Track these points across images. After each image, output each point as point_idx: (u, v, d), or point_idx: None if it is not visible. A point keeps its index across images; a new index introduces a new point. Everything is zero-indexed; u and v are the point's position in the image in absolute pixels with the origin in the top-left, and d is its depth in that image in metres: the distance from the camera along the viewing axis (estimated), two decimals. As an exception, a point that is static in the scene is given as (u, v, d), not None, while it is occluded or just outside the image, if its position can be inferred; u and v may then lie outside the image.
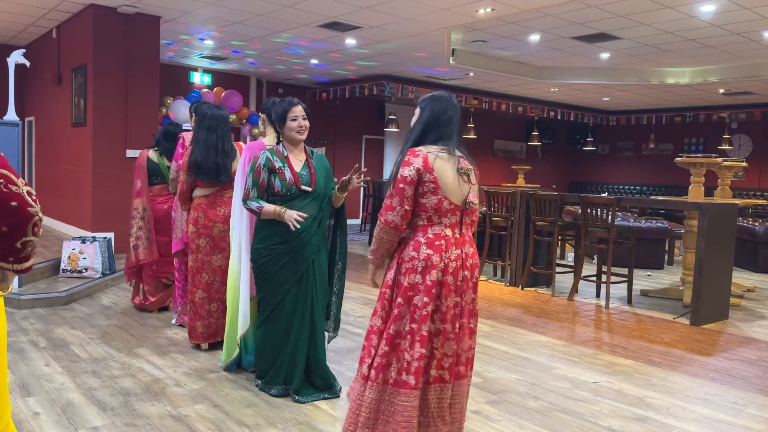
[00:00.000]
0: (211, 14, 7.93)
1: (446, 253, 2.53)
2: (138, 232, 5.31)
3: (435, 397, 2.54)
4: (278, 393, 3.51)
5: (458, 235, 2.59)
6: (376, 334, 2.59)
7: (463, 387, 2.62)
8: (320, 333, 3.55)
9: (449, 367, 2.55)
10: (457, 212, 2.57)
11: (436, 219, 2.55)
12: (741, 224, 9.02)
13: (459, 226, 2.60)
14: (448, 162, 2.55)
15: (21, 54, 6.11)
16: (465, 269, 2.58)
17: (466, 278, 2.58)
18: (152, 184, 5.33)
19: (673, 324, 5.69)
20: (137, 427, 3.09)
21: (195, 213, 4.28)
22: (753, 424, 3.43)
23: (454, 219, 2.58)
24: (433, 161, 2.52)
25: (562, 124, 17.50)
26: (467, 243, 2.62)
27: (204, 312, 4.29)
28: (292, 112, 3.46)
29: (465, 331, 2.59)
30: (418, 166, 2.50)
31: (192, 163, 4.21)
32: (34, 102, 10.38)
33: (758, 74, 10.15)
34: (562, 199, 6.82)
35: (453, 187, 2.54)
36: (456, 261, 2.55)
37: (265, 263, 3.43)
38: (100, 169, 7.91)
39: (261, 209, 3.39)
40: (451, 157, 2.57)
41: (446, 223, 2.56)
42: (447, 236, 2.55)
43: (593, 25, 7.91)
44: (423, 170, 2.50)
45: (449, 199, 2.53)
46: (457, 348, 2.57)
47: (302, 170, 3.47)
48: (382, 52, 9.90)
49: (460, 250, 2.57)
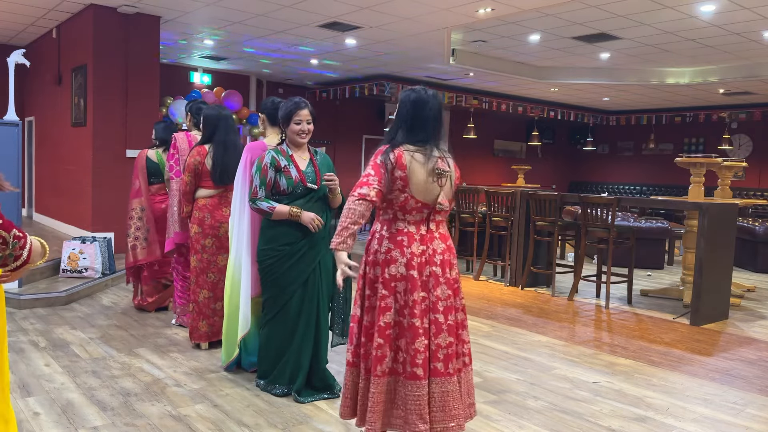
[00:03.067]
0: (211, 14, 7.93)
1: (408, 248, 2.54)
2: (136, 232, 5.30)
3: (411, 393, 2.51)
4: (281, 392, 3.51)
5: (424, 231, 2.59)
6: (356, 323, 2.66)
7: (445, 385, 2.55)
8: (324, 335, 3.55)
9: (422, 363, 2.51)
10: (424, 210, 2.58)
11: (401, 215, 2.57)
12: (741, 224, 9.02)
13: (425, 222, 2.61)
14: (422, 162, 2.54)
15: (21, 54, 6.11)
16: (432, 265, 2.57)
17: (435, 274, 2.56)
18: (151, 184, 5.33)
19: (673, 324, 5.69)
20: (137, 427, 3.09)
21: (200, 213, 4.27)
22: (753, 424, 3.43)
23: (419, 216, 2.59)
24: (407, 160, 2.53)
25: (562, 124, 17.50)
26: (436, 239, 2.60)
27: (209, 311, 4.29)
28: (297, 115, 3.44)
29: (440, 327, 2.55)
30: (392, 159, 2.52)
31: (218, 164, 4.22)
32: (34, 102, 10.38)
33: (758, 74, 10.15)
34: (562, 199, 6.82)
35: (422, 187, 2.55)
36: (421, 256, 2.55)
37: (271, 264, 3.42)
38: (100, 169, 7.91)
39: (273, 210, 3.36)
40: (428, 157, 2.55)
41: (410, 220, 2.58)
42: (410, 232, 2.57)
43: (593, 25, 7.91)
44: (395, 166, 2.51)
45: (416, 198, 2.54)
46: (431, 343, 2.54)
47: (307, 168, 3.47)
48: (382, 52, 9.90)
49: (425, 246, 2.57)
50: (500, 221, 7.41)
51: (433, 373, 2.55)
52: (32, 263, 1.83)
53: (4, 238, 1.72)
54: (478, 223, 7.67)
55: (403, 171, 2.51)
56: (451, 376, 2.57)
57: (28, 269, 1.85)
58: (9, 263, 1.75)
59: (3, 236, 1.71)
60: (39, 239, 1.83)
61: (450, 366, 2.57)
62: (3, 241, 1.71)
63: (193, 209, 4.34)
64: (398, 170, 2.51)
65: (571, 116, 15.47)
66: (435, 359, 2.55)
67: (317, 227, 3.36)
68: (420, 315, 2.53)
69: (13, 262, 1.75)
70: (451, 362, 2.58)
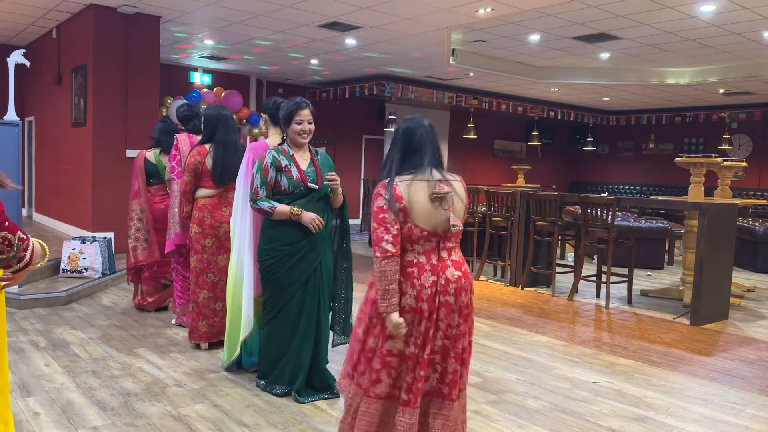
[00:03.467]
0: (211, 14, 7.93)
1: (418, 281, 2.49)
2: (136, 233, 5.32)
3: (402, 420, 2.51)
4: (282, 392, 3.51)
5: (435, 261, 2.53)
6: (358, 343, 2.61)
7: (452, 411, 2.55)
8: (324, 335, 3.55)
9: (416, 392, 2.50)
10: (432, 238, 2.51)
11: (409, 246, 2.51)
12: (741, 224, 9.02)
13: (436, 251, 2.54)
14: (420, 189, 2.50)
15: (21, 54, 6.11)
16: (445, 294, 2.51)
17: (447, 303, 2.52)
18: (150, 185, 5.34)
19: (673, 324, 5.69)
20: (137, 427, 3.09)
21: (200, 213, 4.27)
22: (753, 424, 3.43)
23: (428, 246, 2.52)
24: (402, 191, 2.48)
25: (562, 124, 17.50)
26: (449, 267, 2.54)
27: (209, 311, 4.29)
28: (298, 115, 3.45)
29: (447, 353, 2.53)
30: (387, 197, 2.47)
31: (218, 164, 4.22)
32: (34, 102, 10.38)
33: (758, 74, 10.15)
34: (562, 199, 6.82)
35: (425, 214, 2.49)
36: (432, 287, 2.49)
37: (272, 264, 3.42)
38: (100, 169, 7.91)
39: (274, 209, 3.36)
40: (426, 183, 2.50)
41: (419, 250, 2.51)
42: (420, 263, 2.51)
43: (593, 25, 7.91)
44: (392, 200, 2.47)
45: (420, 226, 2.48)
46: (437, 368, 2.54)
47: (308, 168, 3.47)
48: (382, 52, 9.90)
49: (436, 277, 2.50)
50: (500, 221, 7.41)
51: (439, 395, 2.55)
52: (33, 265, 1.83)
53: (10, 240, 1.72)
54: (478, 223, 7.67)
55: (401, 202, 2.47)
56: (453, 401, 2.57)
57: (28, 271, 1.85)
58: (12, 265, 1.76)
59: (9, 238, 1.72)
60: (39, 241, 1.84)
61: (453, 392, 2.57)
62: (8, 243, 1.72)
63: (192, 209, 4.34)
64: (396, 203, 2.47)
65: (571, 116, 15.47)
66: (441, 382, 2.55)
67: (318, 227, 3.35)
68: (422, 346, 2.50)
69: (16, 263, 1.76)
70: (454, 389, 2.57)
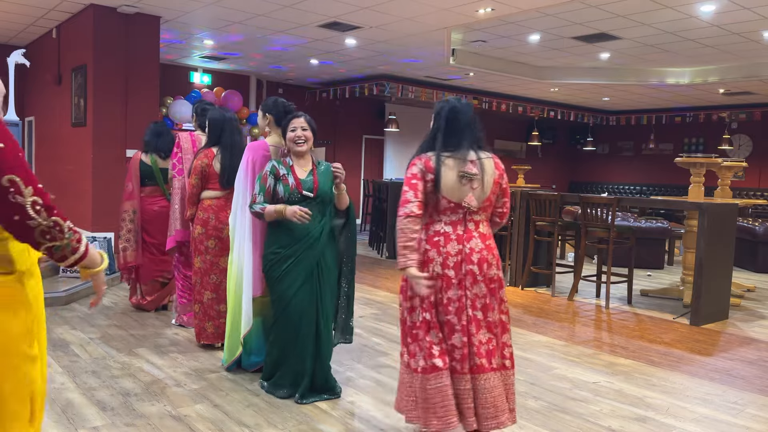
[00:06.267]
0: (211, 14, 7.93)
1: (444, 248, 2.66)
2: (127, 234, 5.33)
3: (460, 387, 2.63)
4: (285, 395, 3.52)
5: (461, 231, 2.70)
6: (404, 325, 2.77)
7: (489, 381, 2.64)
8: (326, 337, 3.55)
9: (461, 358, 2.63)
10: (458, 210, 2.70)
11: (437, 216, 2.71)
12: (741, 224, 9.02)
13: (463, 222, 2.71)
14: (451, 165, 2.68)
15: (21, 54, 6.12)
16: (469, 263, 2.66)
17: (472, 272, 2.66)
18: (144, 185, 5.36)
19: (673, 324, 5.69)
20: (137, 427, 3.09)
21: (205, 214, 4.27)
22: (753, 424, 3.43)
23: (455, 217, 2.70)
24: (435, 163, 2.67)
25: (562, 124, 17.49)
26: (474, 238, 2.70)
27: (214, 312, 4.30)
28: (291, 123, 3.54)
29: (479, 323, 2.65)
30: (420, 166, 2.68)
31: (226, 168, 4.23)
32: (34, 102, 10.38)
33: (758, 74, 10.14)
34: (562, 199, 6.81)
35: (453, 188, 2.67)
36: (457, 256, 2.66)
37: (270, 267, 3.47)
38: (100, 169, 7.90)
39: (264, 210, 3.42)
40: (458, 161, 2.69)
41: (446, 221, 2.70)
42: (446, 232, 2.69)
43: (593, 25, 7.90)
44: (425, 170, 2.67)
45: (447, 197, 2.67)
46: (468, 341, 2.64)
47: (306, 177, 3.51)
48: (383, 52, 9.90)
49: (461, 245, 2.67)
50: (500, 221, 7.40)
51: (477, 370, 2.64)
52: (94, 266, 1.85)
53: (61, 226, 1.71)
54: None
55: (431, 173, 2.67)
56: (495, 371, 2.68)
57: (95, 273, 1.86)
58: (68, 256, 1.76)
59: (60, 224, 1.71)
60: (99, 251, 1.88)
61: (493, 361, 2.68)
62: (60, 229, 1.71)
63: (197, 210, 4.33)
64: (428, 173, 2.67)
65: (571, 116, 15.46)
66: (478, 355, 2.64)
67: (302, 219, 3.32)
68: (455, 312, 2.64)
69: (71, 254, 1.76)
70: (494, 358, 2.68)
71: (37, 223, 1.66)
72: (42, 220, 1.67)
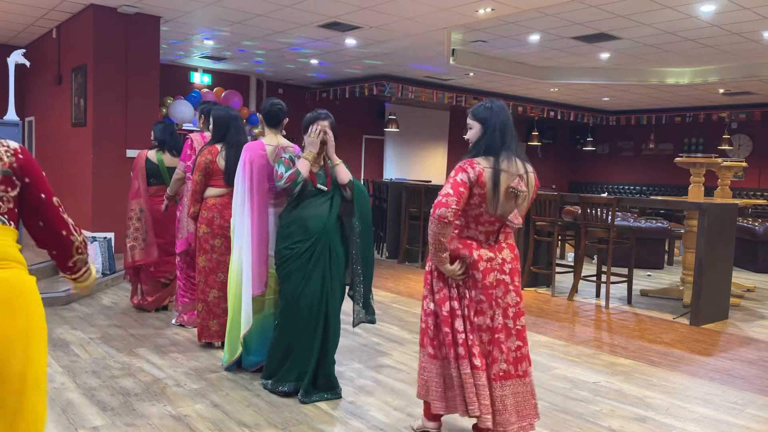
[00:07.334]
0: (211, 14, 7.93)
1: (477, 251, 2.69)
2: (135, 233, 5.30)
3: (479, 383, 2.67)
4: (289, 390, 3.51)
5: (493, 242, 2.74)
6: (429, 317, 2.81)
7: (519, 387, 2.71)
8: (332, 336, 3.55)
9: (491, 363, 2.68)
10: (496, 223, 2.71)
11: (473, 225, 2.72)
12: (741, 224, 9.02)
13: (495, 234, 2.74)
14: (504, 180, 2.65)
15: (21, 54, 6.12)
16: (501, 273, 2.71)
17: (504, 282, 2.71)
18: (150, 185, 5.33)
19: (673, 324, 5.69)
20: (137, 427, 3.09)
21: (209, 213, 4.26)
22: (753, 424, 3.43)
23: (490, 228, 2.72)
24: (489, 180, 2.63)
25: (562, 124, 17.49)
26: (505, 249, 2.75)
27: (219, 310, 4.29)
28: (315, 124, 3.55)
29: (509, 331, 2.71)
30: (472, 176, 2.62)
31: (231, 165, 4.22)
32: (34, 102, 10.38)
33: (758, 74, 10.14)
34: (562, 199, 6.81)
35: (500, 204, 2.66)
36: (488, 262, 2.69)
37: (284, 262, 3.49)
38: (100, 169, 7.91)
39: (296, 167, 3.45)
40: (509, 175, 2.65)
41: (481, 231, 2.72)
42: (479, 240, 2.72)
43: (593, 25, 7.90)
44: (475, 182, 2.62)
45: (490, 212, 2.67)
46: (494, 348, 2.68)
47: (319, 171, 3.56)
48: (382, 52, 9.90)
49: (493, 254, 2.71)
50: (500, 221, 7.39)
51: (506, 377, 2.69)
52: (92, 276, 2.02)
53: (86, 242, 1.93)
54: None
55: (483, 188, 2.62)
56: (521, 377, 2.74)
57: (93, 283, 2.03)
58: (81, 268, 1.93)
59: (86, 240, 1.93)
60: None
61: (519, 368, 2.74)
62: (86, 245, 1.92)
63: (201, 209, 4.32)
64: (478, 187, 2.62)
65: (571, 116, 15.46)
66: (507, 362, 2.70)
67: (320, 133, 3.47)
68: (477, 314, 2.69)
69: (84, 264, 1.93)
70: (520, 365, 2.74)
71: (76, 238, 1.89)
72: (78, 235, 1.90)
